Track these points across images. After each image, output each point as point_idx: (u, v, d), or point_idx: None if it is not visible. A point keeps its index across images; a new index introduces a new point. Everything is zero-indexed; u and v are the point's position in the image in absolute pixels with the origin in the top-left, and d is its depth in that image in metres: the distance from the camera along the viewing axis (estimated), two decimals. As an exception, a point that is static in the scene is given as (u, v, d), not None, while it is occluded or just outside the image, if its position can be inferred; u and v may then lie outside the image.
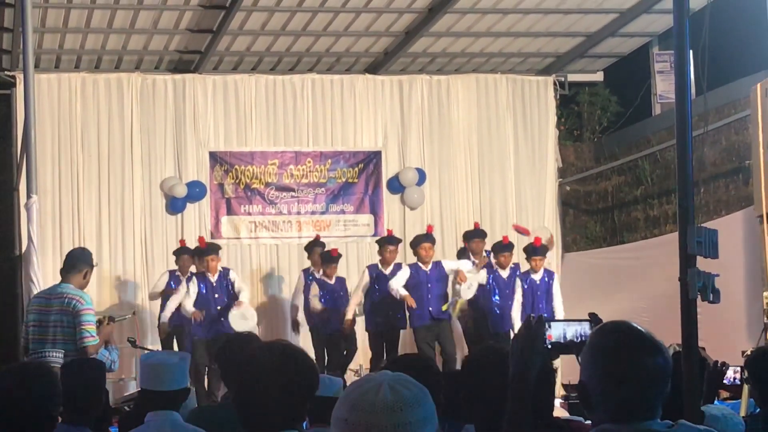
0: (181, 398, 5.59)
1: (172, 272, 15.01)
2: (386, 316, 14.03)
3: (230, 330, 13.12)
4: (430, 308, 13.78)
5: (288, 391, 3.41)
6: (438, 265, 14.02)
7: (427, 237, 14.14)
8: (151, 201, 16.27)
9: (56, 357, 8.33)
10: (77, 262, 8.77)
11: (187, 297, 13.96)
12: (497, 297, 14.14)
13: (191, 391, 6.39)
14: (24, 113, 11.95)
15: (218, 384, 12.66)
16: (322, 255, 14.75)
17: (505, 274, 14.21)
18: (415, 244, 14.11)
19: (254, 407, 3.43)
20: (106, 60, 16.41)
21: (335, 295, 14.63)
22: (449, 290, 14.22)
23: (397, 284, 13.74)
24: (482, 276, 14.11)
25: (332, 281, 14.70)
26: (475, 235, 14.93)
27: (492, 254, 14.45)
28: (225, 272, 14.33)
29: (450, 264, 14.13)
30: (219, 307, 13.95)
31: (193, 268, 14.53)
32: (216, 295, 14.04)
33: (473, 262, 14.39)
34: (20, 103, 14.05)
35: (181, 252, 14.94)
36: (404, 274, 13.85)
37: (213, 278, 14.12)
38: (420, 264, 13.94)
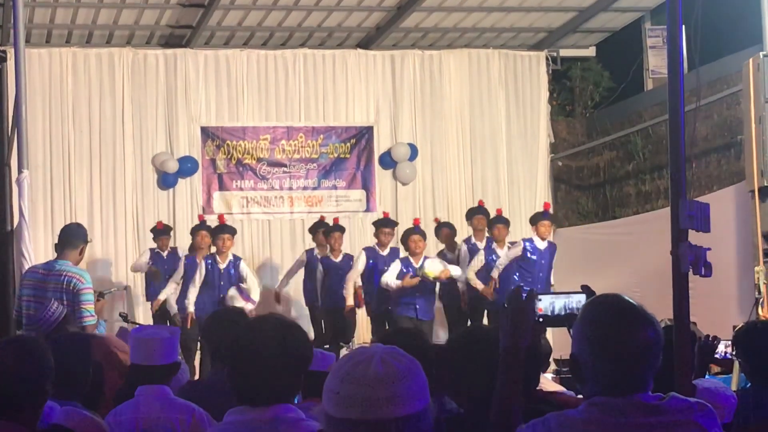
0: (172, 372, 5.59)
1: (152, 250, 14.98)
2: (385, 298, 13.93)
3: None
4: (417, 306, 13.67)
5: (282, 364, 3.42)
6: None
7: (416, 229, 13.90)
8: (143, 176, 16.25)
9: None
10: (73, 238, 8.74)
11: (172, 295, 13.81)
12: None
13: (184, 365, 6.40)
14: (15, 88, 11.88)
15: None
16: (324, 230, 14.69)
17: (501, 250, 14.19)
18: (404, 237, 13.90)
19: (249, 380, 3.43)
20: (97, 35, 16.35)
21: (341, 272, 14.33)
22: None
23: (389, 278, 13.64)
24: (456, 270, 13.90)
25: (339, 259, 14.54)
26: (477, 212, 14.81)
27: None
28: (236, 262, 13.99)
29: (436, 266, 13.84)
30: (222, 295, 13.61)
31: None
32: (221, 283, 13.74)
33: (471, 245, 14.37)
34: (11, 77, 14.00)
35: (199, 228, 14.52)
36: (395, 268, 13.70)
37: (222, 265, 13.83)
38: (409, 257, 13.73)
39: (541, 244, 14.13)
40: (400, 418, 2.63)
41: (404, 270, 13.60)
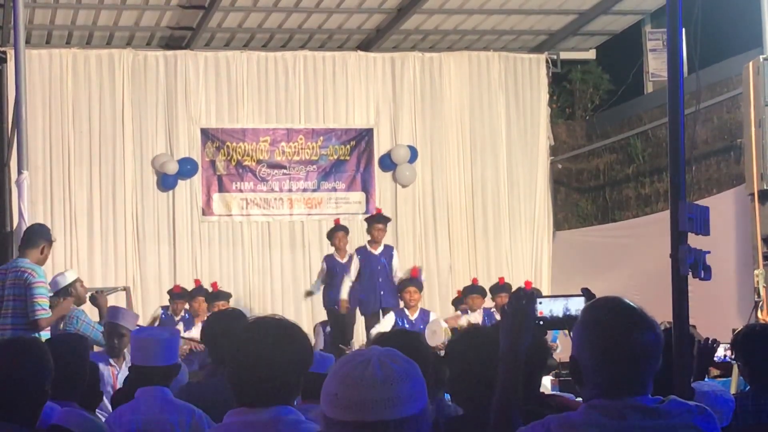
0: (172, 374, 5.59)
1: (165, 308, 14.54)
2: (377, 296, 13.87)
3: None
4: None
5: (282, 365, 3.41)
6: (424, 314, 13.35)
7: (412, 281, 13.43)
8: (143, 177, 16.24)
9: (8, 330, 8.36)
10: (34, 237, 8.83)
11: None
12: None
13: (184, 367, 6.40)
14: (15, 89, 11.90)
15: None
16: (328, 231, 14.60)
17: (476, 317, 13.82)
18: (401, 287, 13.38)
19: (248, 381, 3.43)
20: (97, 36, 16.35)
21: (346, 273, 14.10)
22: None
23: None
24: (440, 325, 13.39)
25: (344, 260, 14.43)
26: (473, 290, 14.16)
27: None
28: None
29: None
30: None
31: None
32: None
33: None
34: (11, 78, 14.00)
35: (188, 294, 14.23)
36: (389, 321, 13.08)
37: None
38: (405, 310, 13.20)
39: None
40: (398, 420, 2.63)
41: (399, 324, 12.95)
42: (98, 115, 16.11)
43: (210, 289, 14.30)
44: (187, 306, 14.08)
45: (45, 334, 8.32)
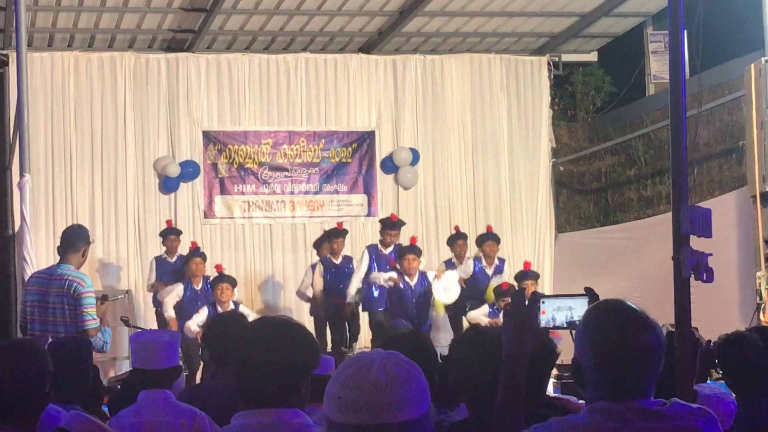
0: (173, 376, 5.59)
1: (157, 259, 14.79)
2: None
3: None
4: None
5: (286, 365, 3.39)
6: (423, 276, 13.59)
7: (412, 248, 13.57)
8: (145, 180, 16.24)
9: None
10: (75, 241, 8.71)
11: (195, 316, 13.50)
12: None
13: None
14: (17, 92, 11.89)
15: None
16: (329, 231, 14.64)
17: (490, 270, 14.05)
18: (400, 254, 13.62)
19: (253, 381, 3.41)
20: (99, 39, 16.36)
21: (340, 274, 14.36)
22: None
23: (377, 276, 13.61)
24: (454, 275, 13.80)
25: (338, 260, 14.53)
26: (488, 237, 14.59)
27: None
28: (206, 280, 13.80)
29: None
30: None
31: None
32: (199, 303, 13.47)
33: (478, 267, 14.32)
34: (13, 81, 13.98)
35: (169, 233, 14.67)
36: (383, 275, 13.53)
37: (198, 286, 13.78)
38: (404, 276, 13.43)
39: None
40: (401, 423, 2.64)
41: (401, 288, 13.34)
42: (100, 118, 16.11)
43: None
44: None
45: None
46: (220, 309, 12.89)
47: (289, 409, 3.42)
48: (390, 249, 14.03)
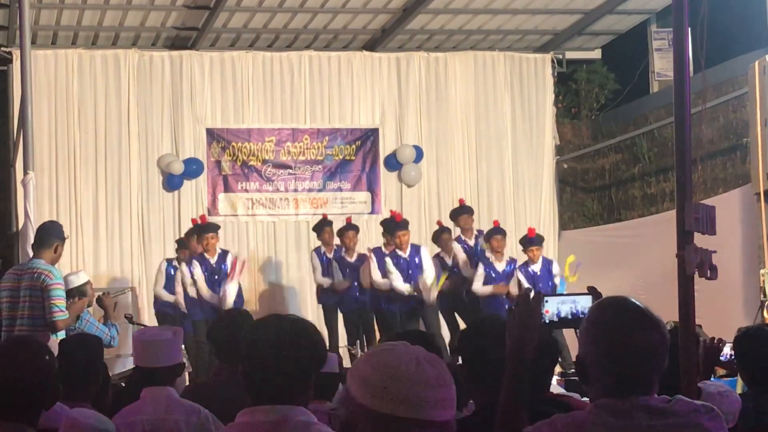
0: (176, 373, 5.59)
1: (170, 261, 14.65)
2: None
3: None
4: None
5: (294, 362, 3.40)
6: (417, 250, 13.81)
7: (405, 224, 13.97)
8: (148, 178, 16.25)
9: (24, 331, 8.34)
10: (47, 237, 8.75)
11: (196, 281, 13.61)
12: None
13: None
14: (21, 90, 11.90)
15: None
16: (339, 229, 14.58)
17: (500, 266, 14.01)
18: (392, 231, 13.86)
19: (261, 378, 3.42)
20: (103, 36, 16.36)
21: (356, 272, 14.23)
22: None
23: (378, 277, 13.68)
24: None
25: (353, 259, 14.39)
26: (462, 211, 14.72)
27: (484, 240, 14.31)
28: (224, 254, 13.93)
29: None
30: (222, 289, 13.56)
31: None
32: (215, 277, 13.66)
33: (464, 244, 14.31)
34: (17, 79, 14.02)
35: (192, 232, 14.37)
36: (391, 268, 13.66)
37: (213, 259, 13.80)
38: (398, 251, 13.70)
39: (536, 266, 13.93)
40: (443, 423, 2.71)
41: (395, 262, 13.66)
42: (104, 116, 16.12)
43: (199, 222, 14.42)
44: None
45: (61, 335, 8.31)
46: (210, 260, 13.65)
47: (295, 407, 3.42)
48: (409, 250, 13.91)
